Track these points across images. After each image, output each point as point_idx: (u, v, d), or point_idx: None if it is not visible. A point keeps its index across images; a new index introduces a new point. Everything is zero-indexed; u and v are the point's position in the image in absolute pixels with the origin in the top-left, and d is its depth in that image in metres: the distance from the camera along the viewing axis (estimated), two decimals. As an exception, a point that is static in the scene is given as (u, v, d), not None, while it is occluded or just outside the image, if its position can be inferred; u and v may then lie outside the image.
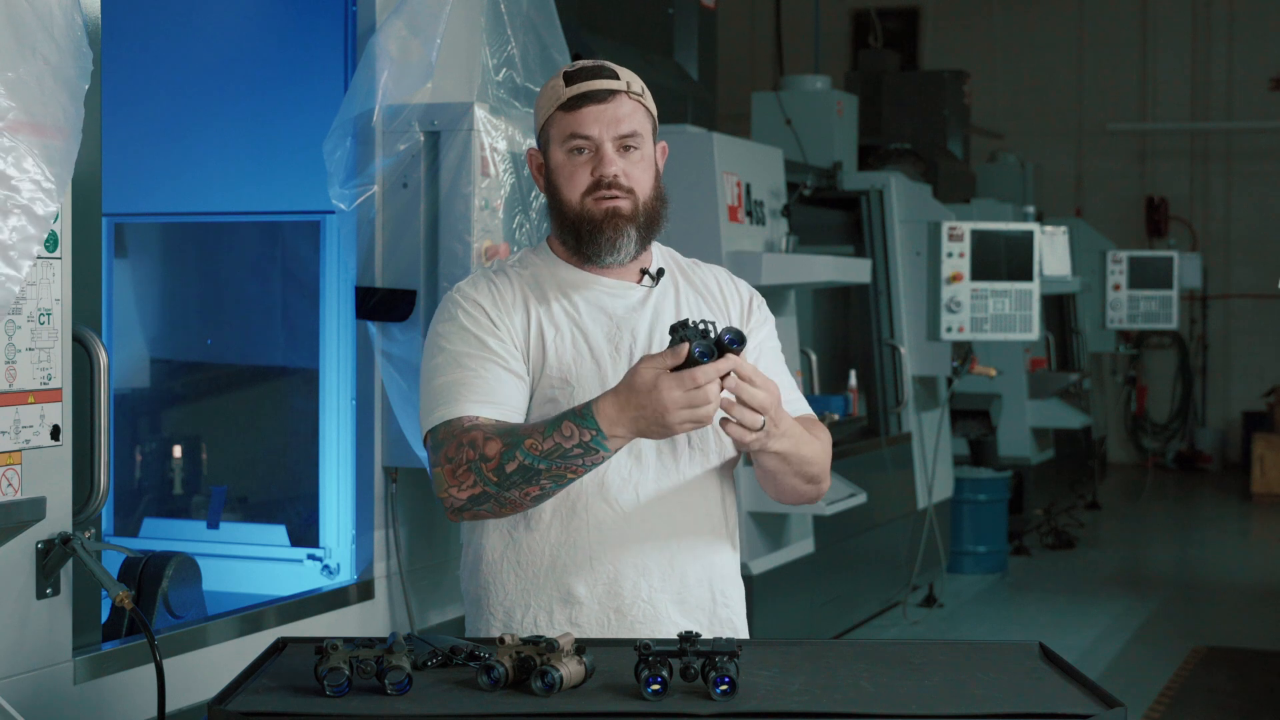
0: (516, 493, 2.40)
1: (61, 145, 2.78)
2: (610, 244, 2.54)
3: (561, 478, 2.39)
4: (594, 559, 2.54)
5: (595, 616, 2.54)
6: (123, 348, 4.56)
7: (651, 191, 2.57)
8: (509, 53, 4.26)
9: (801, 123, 8.27)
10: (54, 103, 2.76)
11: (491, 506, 2.43)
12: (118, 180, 4.29)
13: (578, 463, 2.37)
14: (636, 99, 2.56)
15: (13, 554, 2.93)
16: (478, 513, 2.45)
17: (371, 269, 4.06)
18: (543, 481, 2.39)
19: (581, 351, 2.55)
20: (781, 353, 2.76)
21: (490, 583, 2.60)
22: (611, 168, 2.52)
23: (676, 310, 2.63)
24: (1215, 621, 8.31)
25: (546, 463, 2.37)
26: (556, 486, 2.41)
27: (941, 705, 2.14)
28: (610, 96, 2.53)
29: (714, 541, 2.63)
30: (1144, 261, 11.47)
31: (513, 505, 2.43)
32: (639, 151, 2.55)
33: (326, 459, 4.28)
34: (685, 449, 2.58)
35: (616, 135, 2.53)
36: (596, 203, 2.53)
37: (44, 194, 2.74)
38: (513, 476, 2.38)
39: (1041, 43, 15.29)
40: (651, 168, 2.58)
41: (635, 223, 2.54)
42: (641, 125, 2.56)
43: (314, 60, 4.37)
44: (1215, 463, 14.97)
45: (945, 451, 8.50)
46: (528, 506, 2.46)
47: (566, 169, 2.54)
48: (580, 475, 2.41)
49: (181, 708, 3.31)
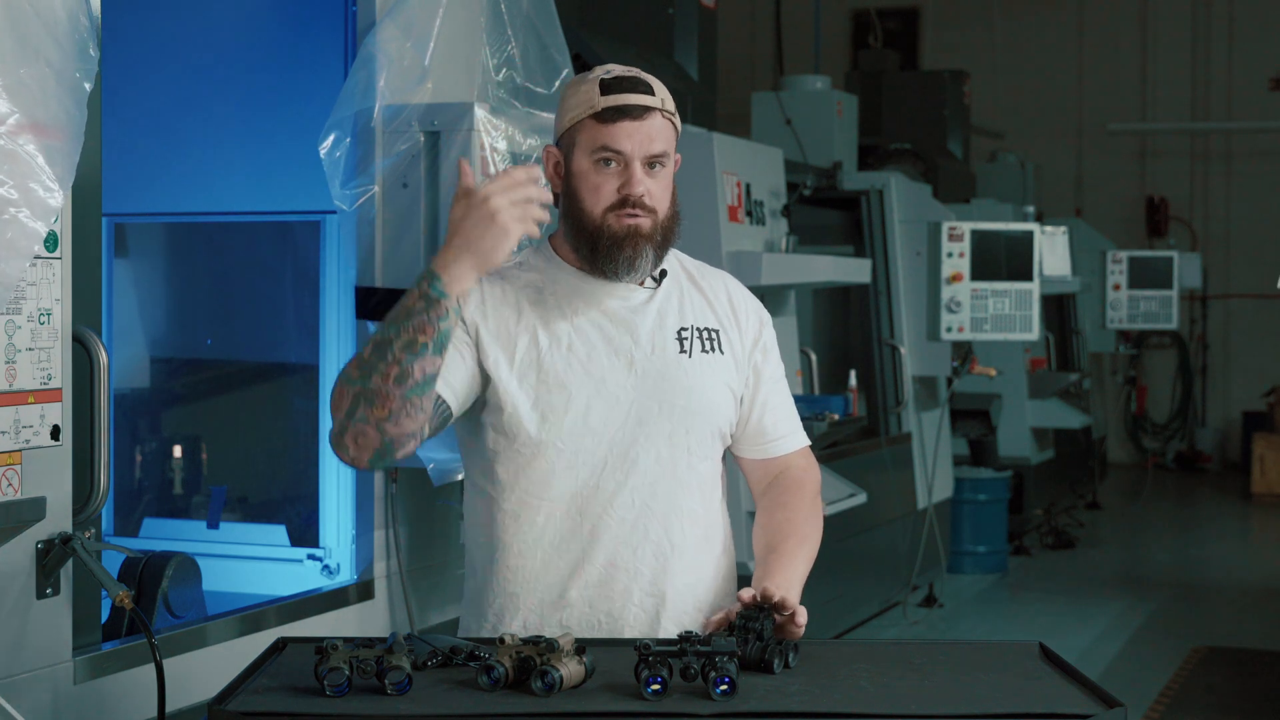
0: (378, 378, 2.33)
1: (62, 145, 2.78)
2: (629, 262, 2.52)
3: (413, 343, 2.33)
4: (585, 562, 2.54)
5: (586, 619, 2.54)
6: (123, 348, 4.56)
7: (670, 209, 2.56)
8: (509, 53, 4.26)
9: (801, 123, 8.27)
10: (56, 104, 2.76)
11: (364, 412, 2.35)
12: (118, 180, 4.29)
13: (422, 319, 2.33)
14: (669, 117, 2.54)
15: (13, 554, 2.93)
16: (358, 430, 2.36)
17: (371, 269, 4.06)
18: (397, 353, 2.33)
19: (578, 354, 2.53)
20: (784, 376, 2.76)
21: (481, 583, 2.59)
22: (639, 188, 2.49)
23: (680, 313, 2.62)
24: (1215, 621, 8.31)
25: (395, 328, 2.34)
26: (413, 358, 2.33)
27: (941, 705, 2.14)
28: (646, 114, 2.50)
29: (706, 544, 2.63)
30: (1144, 261, 11.47)
31: (382, 400, 2.34)
32: (664, 170, 2.53)
33: (326, 459, 4.28)
34: (682, 451, 2.57)
35: (647, 154, 2.50)
36: (619, 219, 2.50)
37: (45, 194, 2.74)
38: (371, 360, 2.34)
39: (1041, 43, 15.29)
40: (671, 184, 2.57)
41: (654, 241, 2.53)
42: (669, 144, 2.54)
43: (314, 60, 4.37)
44: (1215, 463, 14.96)
45: (945, 451, 8.50)
46: (396, 401, 2.34)
47: (592, 180, 2.51)
48: (430, 337, 2.33)
49: (181, 708, 3.30)
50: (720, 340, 2.63)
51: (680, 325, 2.60)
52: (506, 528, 2.56)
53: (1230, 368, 15.12)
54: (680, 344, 2.59)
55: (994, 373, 8.73)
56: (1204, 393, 15.24)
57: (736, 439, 2.71)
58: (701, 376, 2.59)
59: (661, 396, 2.55)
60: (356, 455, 2.40)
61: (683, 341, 2.59)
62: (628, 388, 2.54)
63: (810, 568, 2.60)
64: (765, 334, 2.71)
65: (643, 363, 2.55)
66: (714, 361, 2.61)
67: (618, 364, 2.55)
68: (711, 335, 2.63)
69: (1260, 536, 11.79)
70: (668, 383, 2.56)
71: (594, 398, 2.52)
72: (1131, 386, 15.05)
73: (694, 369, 2.59)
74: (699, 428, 2.59)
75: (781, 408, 2.72)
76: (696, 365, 2.59)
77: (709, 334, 2.62)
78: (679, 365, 2.57)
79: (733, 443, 2.72)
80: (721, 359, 2.62)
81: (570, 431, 2.52)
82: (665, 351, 2.57)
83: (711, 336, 2.63)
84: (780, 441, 2.72)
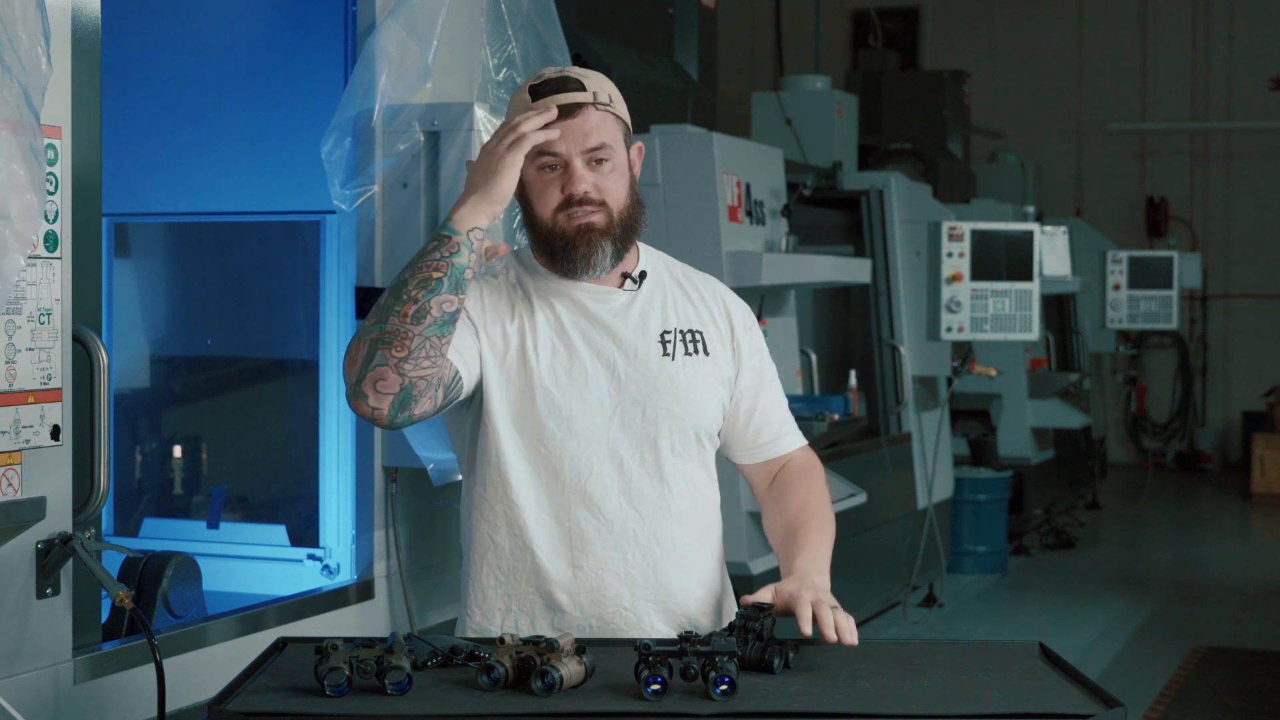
0: (395, 319, 2.34)
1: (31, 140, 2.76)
2: (585, 260, 2.52)
3: (428, 280, 2.36)
4: (577, 567, 2.53)
5: (577, 624, 2.54)
6: (123, 348, 4.56)
7: (626, 200, 2.54)
8: (509, 53, 4.26)
9: (801, 123, 8.28)
10: (13, 97, 2.73)
11: (382, 354, 2.34)
12: (118, 180, 4.29)
13: (434, 256, 2.38)
14: (605, 109, 2.52)
15: (13, 554, 2.93)
16: (378, 374, 2.34)
17: (371, 269, 4.06)
18: (412, 290, 2.36)
19: (561, 359, 2.53)
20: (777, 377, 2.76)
21: (474, 586, 2.59)
22: (581, 185, 2.49)
23: (663, 316, 2.61)
24: (1215, 621, 8.31)
25: (410, 269, 2.38)
26: (429, 294, 2.36)
27: (941, 705, 2.14)
28: (577, 110, 2.49)
29: (699, 548, 2.62)
30: (1144, 261, 11.47)
31: (401, 340, 2.34)
32: (610, 163, 2.51)
33: (326, 459, 4.28)
34: (668, 455, 2.56)
35: (585, 149, 2.49)
36: (569, 219, 2.50)
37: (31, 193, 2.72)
38: (386, 303, 2.37)
39: (1041, 43, 15.29)
40: (625, 176, 2.55)
41: (610, 235, 2.52)
42: (611, 135, 2.52)
43: (314, 60, 4.37)
44: (1215, 463, 14.96)
45: (945, 451, 8.50)
46: (415, 339, 2.34)
47: (537, 185, 2.51)
48: (444, 273, 2.37)
49: (181, 708, 3.31)
50: (704, 342, 2.62)
51: (663, 328, 2.59)
52: (497, 532, 2.55)
53: (1230, 368, 15.12)
54: (663, 346, 2.58)
55: (994, 373, 8.74)
56: (1204, 393, 15.24)
57: (732, 445, 2.71)
58: (685, 379, 2.58)
59: (645, 400, 2.54)
60: (377, 404, 2.36)
61: (665, 344, 2.58)
62: (611, 392, 2.53)
63: (832, 549, 2.59)
64: (753, 336, 2.70)
65: (625, 367, 2.55)
66: (697, 363, 2.60)
67: (600, 368, 2.54)
68: (695, 337, 2.62)
69: (1260, 536, 11.79)
70: (651, 386, 2.55)
71: (578, 403, 2.52)
72: (1131, 386, 15.05)
73: (677, 372, 2.58)
74: (684, 430, 2.58)
75: (774, 410, 2.71)
76: (680, 368, 2.58)
77: (693, 336, 2.61)
78: (662, 368, 2.57)
79: (729, 450, 2.71)
80: (705, 360, 2.61)
81: (555, 437, 2.51)
82: (648, 355, 2.56)
83: (695, 338, 2.62)
84: (777, 442, 2.71)
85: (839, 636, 2.33)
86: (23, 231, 2.63)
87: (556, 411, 2.51)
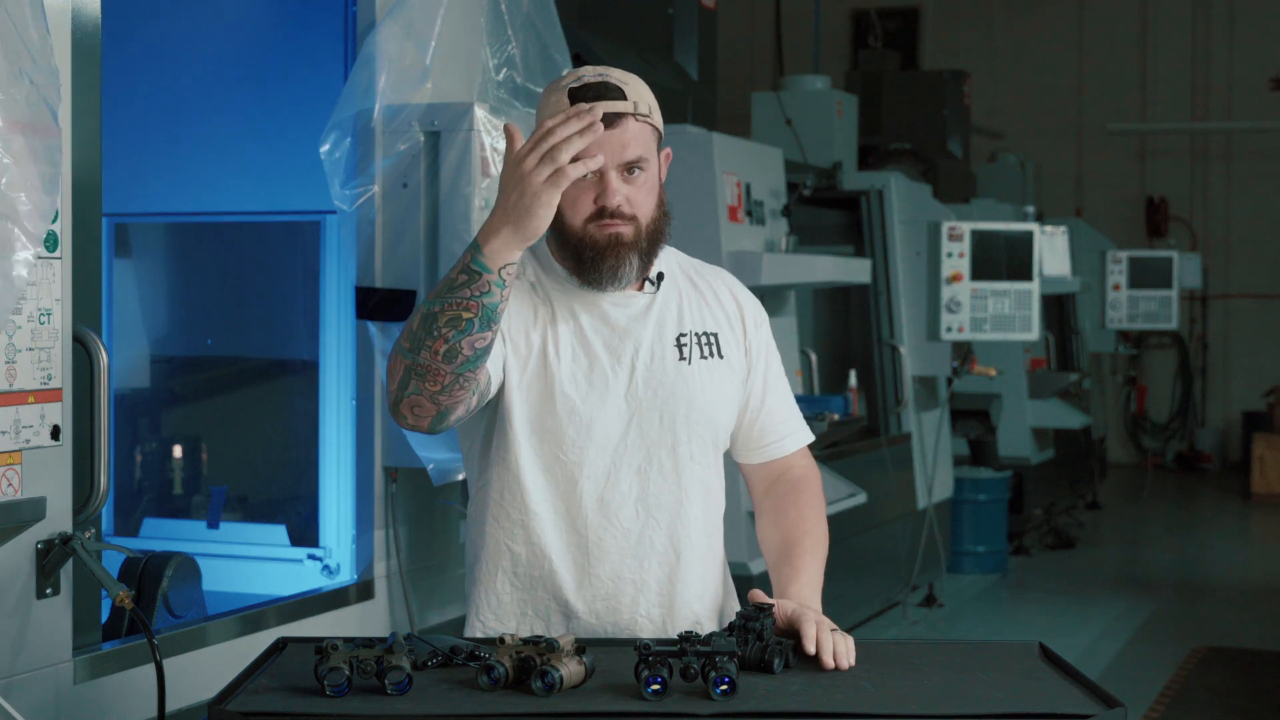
0: (426, 354, 2.29)
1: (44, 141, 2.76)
2: (612, 271, 2.47)
3: (458, 319, 2.27)
4: (594, 575, 2.52)
5: (592, 629, 2.53)
6: (123, 348, 4.56)
7: (654, 212, 2.49)
8: (509, 53, 4.26)
9: (801, 123, 8.27)
10: (35, 100, 2.74)
11: (416, 385, 2.32)
12: (118, 180, 4.29)
13: (464, 293, 2.27)
14: (644, 120, 2.46)
15: (13, 554, 2.93)
16: (414, 401, 2.33)
17: (371, 269, 4.06)
18: (442, 329, 2.28)
19: (581, 365, 2.50)
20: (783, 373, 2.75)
21: (486, 591, 2.57)
22: (615, 198, 2.43)
23: (679, 318, 2.59)
24: (1215, 621, 8.31)
25: (440, 302, 2.28)
26: (459, 335, 2.28)
27: (941, 705, 2.14)
28: (617, 121, 2.42)
29: (708, 552, 2.62)
30: (1144, 261, 11.47)
31: (432, 375, 2.30)
32: (644, 174, 2.46)
33: (326, 459, 4.29)
34: (686, 461, 2.55)
35: (622, 162, 2.44)
36: (600, 229, 2.45)
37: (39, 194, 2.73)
38: (418, 333, 2.30)
39: (1041, 43, 15.29)
40: (655, 187, 2.50)
41: (638, 248, 2.47)
42: (647, 147, 2.47)
43: (314, 60, 4.37)
44: (1215, 463, 14.96)
45: (945, 451, 8.50)
46: (447, 376, 2.30)
47: (570, 193, 2.43)
48: (475, 314, 2.28)
49: (181, 708, 3.31)
50: (719, 344, 2.61)
51: (679, 331, 2.57)
52: (514, 540, 2.53)
53: (1230, 368, 15.12)
54: (680, 350, 2.56)
55: (994, 373, 8.74)
56: (1204, 393, 15.24)
57: (735, 444, 2.70)
58: (702, 384, 2.57)
59: (663, 406, 2.53)
60: (416, 423, 2.39)
61: (682, 348, 2.56)
62: (630, 399, 2.52)
63: (824, 569, 2.62)
64: (763, 332, 2.69)
65: (643, 373, 2.53)
66: (713, 368, 2.59)
67: (620, 374, 2.52)
68: (710, 340, 2.61)
69: (1260, 536, 11.79)
70: (669, 392, 2.53)
71: (598, 409, 2.50)
72: (1131, 386, 15.05)
73: (694, 377, 2.56)
74: (701, 436, 2.57)
75: (780, 408, 2.71)
76: (696, 373, 2.57)
77: (708, 339, 2.60)
78: (679, 374, 2.55)
79: (732, 448, 2.71)
80: (720, 364, 2.60)
81: (575, 445, 2.49)
82: (665, 360, 2.55)
83: (710, 341, 2.60)
84: (781, 443, 2.71)
85: (836, 661, 2.35)
86: (34, 231, 2.63)
87: (577, 419, 2.49)
